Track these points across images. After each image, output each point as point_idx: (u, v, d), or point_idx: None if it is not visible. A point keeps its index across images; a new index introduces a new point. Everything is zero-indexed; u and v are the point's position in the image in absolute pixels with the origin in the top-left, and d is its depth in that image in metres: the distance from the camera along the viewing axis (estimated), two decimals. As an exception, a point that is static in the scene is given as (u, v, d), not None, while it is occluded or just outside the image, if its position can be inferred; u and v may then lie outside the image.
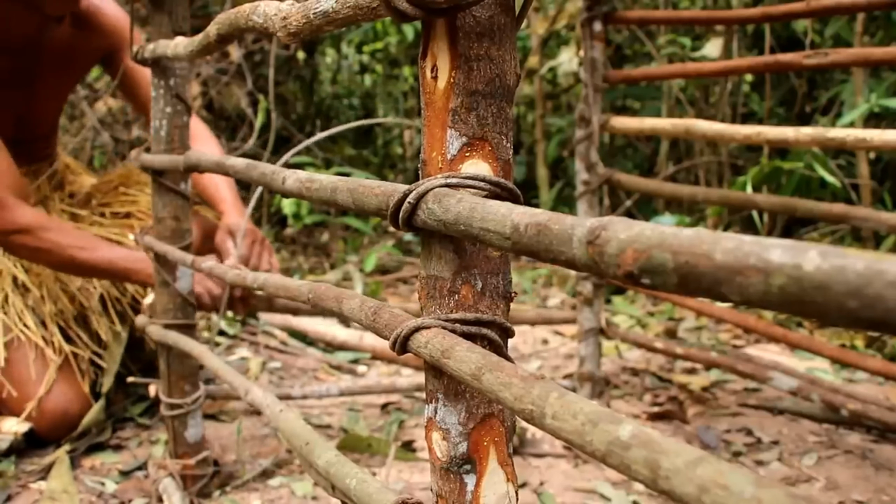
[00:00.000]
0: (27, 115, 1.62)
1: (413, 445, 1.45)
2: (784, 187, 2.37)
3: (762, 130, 1.29)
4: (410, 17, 0.49)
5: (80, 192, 1.79)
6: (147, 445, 1.47)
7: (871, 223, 1.31)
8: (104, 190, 1.80)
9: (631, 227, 0.35)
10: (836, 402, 1.40)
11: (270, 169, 0.76)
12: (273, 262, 1.49)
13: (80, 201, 1.77)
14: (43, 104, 1.64)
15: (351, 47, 4.98)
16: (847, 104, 2.56)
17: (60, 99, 1.74)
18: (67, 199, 1.78)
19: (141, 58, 1.15)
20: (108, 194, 1.79)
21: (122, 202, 1.77)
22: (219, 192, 1.57)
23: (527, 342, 2.21)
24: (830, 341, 1.98)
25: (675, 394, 1.69)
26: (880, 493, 1.22)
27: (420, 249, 0.58)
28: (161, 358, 1.23)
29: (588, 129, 1.54)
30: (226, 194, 1.57)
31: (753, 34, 3.24)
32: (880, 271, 0.25)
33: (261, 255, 1.46)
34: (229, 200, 1.56)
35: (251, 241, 1.46)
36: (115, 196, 1.78)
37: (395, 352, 0.56)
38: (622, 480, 1.28)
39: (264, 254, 1.47)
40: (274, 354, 2.09)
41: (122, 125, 3.30)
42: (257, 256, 1.45)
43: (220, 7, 3.31)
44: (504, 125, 0.54)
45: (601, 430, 0.37)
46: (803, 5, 1.26)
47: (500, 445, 0.57)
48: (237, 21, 0.75)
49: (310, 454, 0.72)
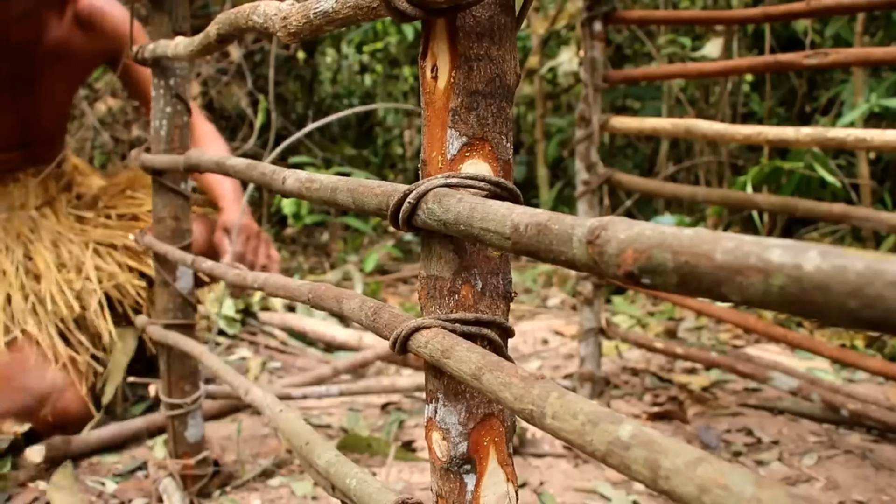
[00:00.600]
0: (33, 118, 1.62)
1: (413, 445, 1.45)
2: (784, 187, 2.37)
3: (762, 130, 1.29)
4: (410, 17, 0.49)
5: (87, 194, 1.79)
6: (147, 445, 1.47)
7: (871, 223, 1.31)
8: (111, 192, 1.80)
9: (631, 227, 0.35)
10: (836, 402, 1.40)
11: (270, 169, 0.76)
12: (272, 254, 1.49)
13: (86, 203, 1.77)
14: (49, 107, 1.63)
15: (351, 47, 4.98)
16: (847, 104, 2.56)
17: (66, 101, 1.73)
18: (75, 200, 1.78)
19: (141, 58, 1.15)
20: (114, 197, 1.80)
21: (129, 205, 1.77)
22: (220, 189, 1.57)
23: (527, 342, 2.21)
24: (830, 341, 1.98)
25: (675, 394, 1.69)
26: (880, 493, 1.22)
27: (420, 249, 0.58)
28: (161, 358, 1.23)
29: (588, 129, 1.54)
30: (226, 191, 1.57)
31: (753, 34, 3.24)
32: (880, 271, 0.25)
33: (257, 250, 1.46)
34: (229, 197, 1.56)
35: (246, 236, 1.46)
36: (122, 199, 1.79)
37: (395, 351, 0.56)
38: (622, 480, 1.28)
39: (260, 248, 1.47)
40: (274, 354, 2.09)
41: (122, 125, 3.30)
42: (253, 252, 1.45)
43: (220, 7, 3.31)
44: (504, 125, 0.54)
45: (601, 430, 0.37)
46: (803, 5, 1.26)
47: (500, 445, 0.57)
48: (237, 21, 0.75)
49: (310, 454, 0.72)
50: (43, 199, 1.70)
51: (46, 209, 1.70)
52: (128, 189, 1.80)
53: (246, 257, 1.44)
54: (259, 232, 1.50)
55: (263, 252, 1.47)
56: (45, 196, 1.71)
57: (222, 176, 1.55)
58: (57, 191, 1.75)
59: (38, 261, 1.57)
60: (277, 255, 1.52)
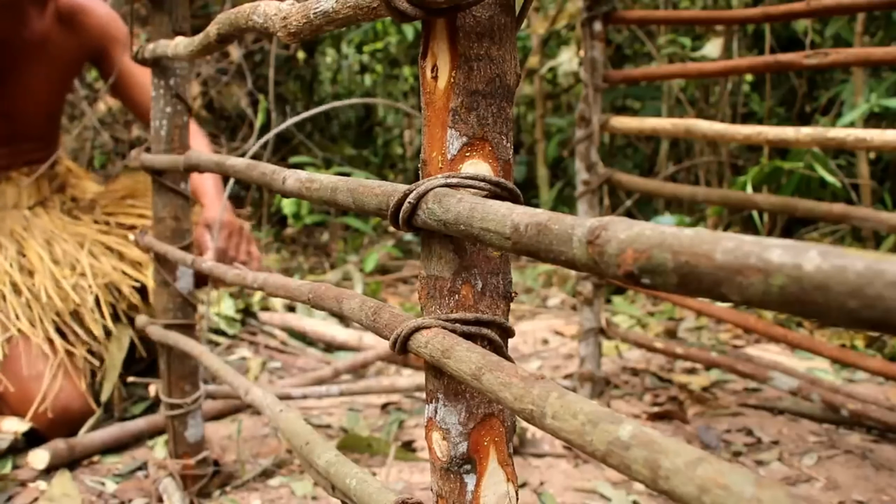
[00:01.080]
0: (12, 111, 1.62)
1: (413, 445, 1.45)
2: (784, 187, 2.37)
3: (762, 130, 1.29)
4: (410, 17, 0.49)
5: (83, 198, 1.79)
6: (147, 446, 1.47)
7: (871, 223, 1.31)
8: (110, 199, 1.80)
9: (631, 227, 0.35)
10: (836, 402, 1.40)
11: (270, 169, 0.76)
12: (252, 251, 1.48)
13: (83, 208, 1.77)
14: (32, 102, 1.62)
15: (351, 47, 4.98)
16: (847, 104, 2.56)
17: (52, 99, 1.72)
18: (69, 202, 1.77)
19: (141, 58, 1.15)
20: (113, 203, 1.80)
21: (129, 214, 1.77)
22: (202, 185, 1.57)
23: (527, 342, 2.21)
24: (830, 341, 1.98)
25: (675, 394, 1.69)
26: (880, 493, 1.22)
27: (420, 249, 0.58)
28: (161, 358, 1.23)
29: (588, 129, 1.54)
30: (207, 188, 1.56)
31: (753, 34, 3.24)
32: (880, 271, 0.25)
33: (238, 246, 1.45)
34: (210, 194, 1.55)
35: (228, 232, 1.45)
36: (122, 206, 1.79)
37: (395, 352, 0.56)
38: (622, 480, 1.28)
39: (242, 244, 1.46)
40: (274, 354, 2.09)
41: (122, 125, 3.31)
42: (235, 248, 1.45)
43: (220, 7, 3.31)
44: (504, 125, 0.54)
45: (601, 430, 0.37)
46: (803, 5, 1.26)
47: (501, 445, 0.57)
48: (237, 21, 0.75)
49: (310, 454, 0.72)
50: (36, 199, 1.70)
51: (39, 209, 1.70)
52: (128, 198, 1.80)
53: (228, 253, 1.43)
54: (241, 228, 1.50)
55: (244, 248, 1.47)
56: (38, 196, 1.71)
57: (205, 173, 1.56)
58: (50, 191, 1.75)
59: (32, 257, 1.57)
60: (258, 254, 1.52)
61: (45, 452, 1.32)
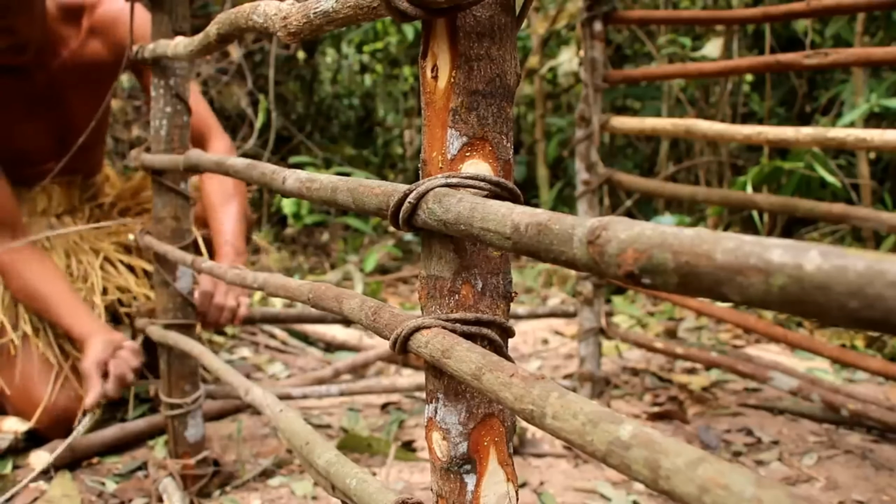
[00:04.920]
0: (65, 135, 1.60)
1: (413, 445, 1.45)
2: (784, 187, 2.37)
3: (762, 130, 1.29)
4: (411, 16, 0.49)
5: (106, 202, 1.80)
6: (147, 445, 1.47)
7: (871, 223, 1.31)
8: (126, 195, 1.82)
9: (631, 227, 0.35)
10: (836, 402, 1.40)
11: (270, 169, 0.76)
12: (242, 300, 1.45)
13: (104, 211, 1.78)
14: (79, 120, 1.60)
15: (351, 47, 4.98)
16: (847, 104, 2.56)
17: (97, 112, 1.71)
18: (96, 209, 1.77)
19: (141, 57, 1.15)
20: (129, 198, 1.81)
21: (141, 203, 1.80)
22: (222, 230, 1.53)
23: (527, 342, 2.21)
24: (830, 341, 1.98)
25: (675, 394, 1.69)
26: (880, 493, 1.22)
27: (420, 249, 0.58)
28: (161, 358, 1.23)
29: (588, 129, 1.54)
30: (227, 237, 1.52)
31: (753, 34, 3.24)
32: (881, 271, 0.25)
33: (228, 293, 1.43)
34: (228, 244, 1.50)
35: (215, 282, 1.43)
36: (136, 198, 1.81)
37: (395, 351, 0.56)
38: (622, 480, 1.28)
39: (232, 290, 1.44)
40: (274, 354, 2.09)
41: (122, 125, 3.30)
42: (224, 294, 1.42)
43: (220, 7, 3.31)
44: (504, 125, 0.54)
45: (601, 430, 0.37)
46: (803, 5, 1.26)
47: (501, 445, 0.57)
48: (237, 21, 0.75)
49: (310, 454, 0.72)
50: (65, 207, 1.70)
51: (67, 217, 1.70)
52: (141, 190, 1.82)
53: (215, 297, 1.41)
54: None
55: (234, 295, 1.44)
56: (68, 204, 1.71)
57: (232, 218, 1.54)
58: (81, 200, 1.75)
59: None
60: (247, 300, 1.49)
61: (46, 454, 1.32)
